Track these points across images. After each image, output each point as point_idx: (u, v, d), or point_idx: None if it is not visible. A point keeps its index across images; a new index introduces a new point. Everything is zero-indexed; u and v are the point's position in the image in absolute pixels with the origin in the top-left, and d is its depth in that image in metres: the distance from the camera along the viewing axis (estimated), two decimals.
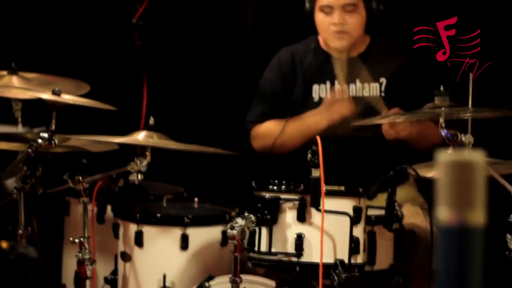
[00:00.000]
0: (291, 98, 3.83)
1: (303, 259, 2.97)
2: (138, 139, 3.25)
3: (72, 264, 3.48)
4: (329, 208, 2.93)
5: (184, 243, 3.44)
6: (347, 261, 2.97)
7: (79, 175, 3.29)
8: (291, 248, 2.98)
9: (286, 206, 3.00)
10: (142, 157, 3.18)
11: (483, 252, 1.15)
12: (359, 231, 3.02)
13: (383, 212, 3.15)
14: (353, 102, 3.67)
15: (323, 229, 2.93)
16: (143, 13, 4.49)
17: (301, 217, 2.97)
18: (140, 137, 3.25)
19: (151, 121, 3.27)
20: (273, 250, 3.00)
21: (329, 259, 2.96)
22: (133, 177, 3.21)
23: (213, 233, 3.52)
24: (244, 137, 3.89)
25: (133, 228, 3.49)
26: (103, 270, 3.66)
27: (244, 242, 2.92)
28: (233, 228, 2.90)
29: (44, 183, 3.54)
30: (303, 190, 2.98)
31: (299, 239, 2.97)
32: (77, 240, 3.30)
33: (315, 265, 2.93)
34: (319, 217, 2.92)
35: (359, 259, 3.03)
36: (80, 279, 3.33)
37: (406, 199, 3.59)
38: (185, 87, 4.69)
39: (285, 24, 4.44)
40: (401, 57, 3.69)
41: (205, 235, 3.50)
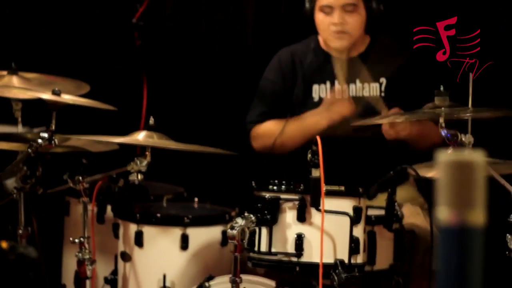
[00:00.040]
0: (291, 98, 3.83)
1: (303, 259, 2.97)
2: (138, 139, 3.25)
3: (72, 264, 3.48)
4: (329, 208, 2.92)
5: (184, 243, 3.44)
6: (347, 261, 2.97)
7: (79, 175, 3.28)
8: (291, 248, 2.98)
9: (286, 206, 3.00)
10: (142, 157, 3.17)
11: (483, 252, 1.15)
12: (359, 231, 3.02)
13: (383, 212, 3.15)
14: (353, 102, 3.67)
15: (323, 229, 2.92)
16: (143, 13, 4.49)
17: (301, 217, 2.97)
18: (140, 137, 3.25)
19: (151, 121, 3.27)
20: (273, 250, 3.00)
21: (329, 259, 2.96)
22: (133, 177, 3.21)
23: (213, 233, 3.52)
24: (244, 137, 3.89)
25: (133, 228, 3.49)
26: (103, 270, 3.66)
27: (244, 242, 2.92)
28: (233, 228, 2.89)
29: (44, 183, 3.54)
30: (303, 190, 2.98)
31: (299, 239, 2.96)
32: (77, 240, 3.30)
33: (315, 265, 2.93)
34: (319, 217, 2.92)
35: (359, 259, 3.03)
36: (80, 279, 3.33)
37: (406, 199, 3.59)
38: (185, 87, 4.69)
39: (285, 24, 4.44)
40: (401, 57, 3.69)
41: (205, 235, 3.50)
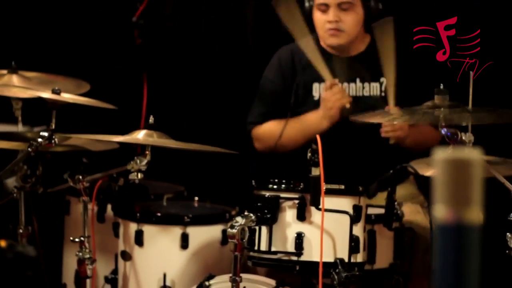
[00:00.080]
0: (291, 96, 3.82)
1: (303, 258, 2.97)
2: (138, 138, 3.25)
3: (72, 263, 3.48)
4: (329, 207, 2.92)
5: (184, 242, 3.44)
6: (347, 260, 2.97)
7: (80, 174, 3.28)
8: (291, 247, 2.98)
9: (286, 205, 3.00)
10: (142, 156, 3.17)
11: (480, 249, 1.15)
12: (359, 230, 3.02)
13: (383, 211, 3.15)
14: (345, 91, 3.67)
15: (323, 228, 2.92)
16: (143, 12, 4.49)
17: (301, 216, 2.97)
18: (140, 136, 3.25)
19: (151, 120, 3.27)
20: (273, 249, 3.00)
21: (329, 258, 2.96)
22: (133, 176, 3.21)
23: (213, 232, 3.52)
24: (244, 136, 3.89)
25: (133, 227, 3.49)
26: (103, 269, 3.66)
27: (244, 241, 2.92)
28: (233, 227, 2.89)
29: (44, 182, 3.55)
30: (303, 188, 2.98)
31: (299, 238, 2.97)
32: (77, 239, 3.30)
33: (315, 264, 2.93)
34: (319, 216, 2.92)
35: (359, 258, 3.03)
36: (80, 278, 3.33)
37: (406, 197, 3.59)
38: (185, 86, 4.69)
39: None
40: (401, 57, 3.68)
41: (205, 234, 3.50)
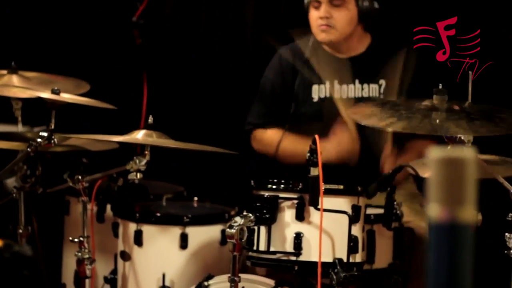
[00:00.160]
0: (291, 96, 3.82)
1: (302, 258, 2.97)
2: (137, 138, 3.25)
3: (72, 263, 3.49)
4: (328, 207, 2.92)
5: (183, 242, 3.44)
6: (346, 260, 2.97)
7: (79, 174, 3.29)
8: (289, 247, 2.98)
9: (284, 205, 3.00)
10: (141, 156, 3.17)
11: (474, 248, 1.15)
12: (358, 230, 3.02)
13: (382, 211, 3.15)
14: (357, 138, 3.63)
15: (321, 228, 2.92)
16: (143, 12, 4.49)
17: (300, 216, 2.97)
18: (139, 136, 3.25)
19: (150, 120, 3.27)
20: (272, 249, 3.00)
21: (327, 258, 2.96)
22: (132, 176, 3.22)
23: (213, 232, 3.52)
24: (243, 136, 3.89)
25: (133, 227, 3.49)
26: (102, 269, 3.67)
27: (243, 241, 2.92)
28: (231, 227, 2.89)
29: (44, 182, 3.55)
30: (301, 189, 2.98)
31: (298, 238, 2.96)
32: (76, 239, 3.30)
33: (314, 264, 2.93)
34: (318, 216, 2.92)
35: (358, 258, 3.03)
36: (80, 278, 3.34)
37: (405, 197, 3.59)
38: (185, 86, 4.69)
39: (285, 24, 4.43)
40: (401, 57, 3.68)
41: (204, 234, 3.50)
